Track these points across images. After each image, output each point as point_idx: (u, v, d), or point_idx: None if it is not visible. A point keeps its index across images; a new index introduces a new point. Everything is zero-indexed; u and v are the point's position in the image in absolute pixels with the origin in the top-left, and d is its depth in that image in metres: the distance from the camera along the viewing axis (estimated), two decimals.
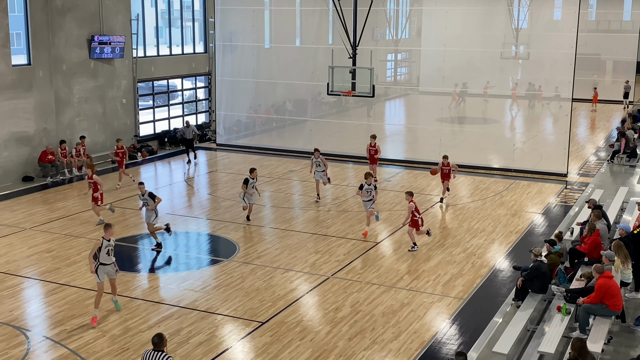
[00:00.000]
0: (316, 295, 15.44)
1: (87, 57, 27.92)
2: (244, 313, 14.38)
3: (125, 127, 30.27)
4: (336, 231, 19.92)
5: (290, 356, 12.51)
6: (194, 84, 35.45)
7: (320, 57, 31.39)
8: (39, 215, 21.31)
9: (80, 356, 12.44)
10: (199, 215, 21.71)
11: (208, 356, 12.48)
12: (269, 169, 28.36)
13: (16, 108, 25.13)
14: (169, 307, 14.68)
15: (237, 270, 16.73)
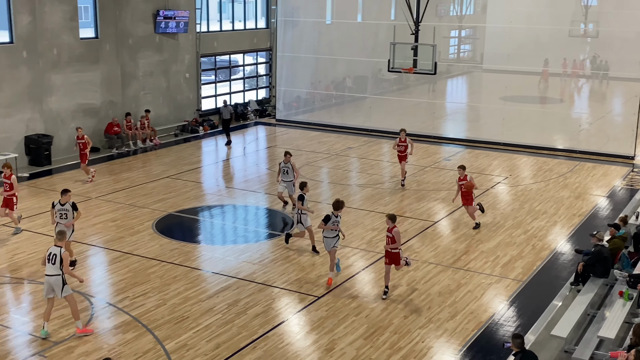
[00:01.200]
0: (372, 272, 15.44)
1: (152, 31, 28.29)
2: (300, 287, 14.49)
3: (187, 101, 30.66)
4: (393, 209, 19.80)
5: (346, 331, 12.57)
6: (255, 59, 35.58)
7: (381, 34, 31.03)
8: (105, 186, 21.81)
9: (142, 323, 12.74)
10: (258, 189, 21.88)
11: (265, 327, 12.63)
12: (327, 145, 28.35)
13: (83, 80, 25.68)
14: (228, 278, 14.89)
15: (295, 245, 16.84)
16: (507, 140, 28.34)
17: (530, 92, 33.47)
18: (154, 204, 19.90)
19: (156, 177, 22.95)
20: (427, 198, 21.04)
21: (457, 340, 12.37)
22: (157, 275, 14.91)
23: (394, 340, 12.30)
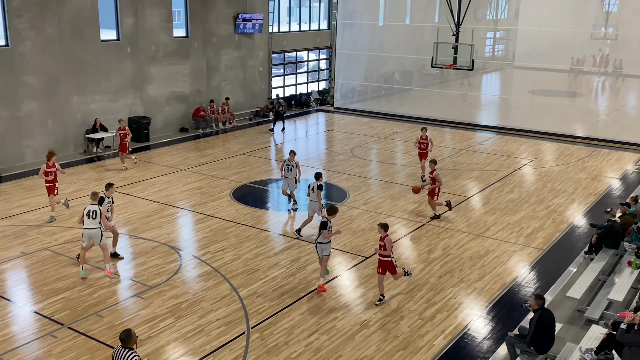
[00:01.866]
0: (413, 238, 15.37)
1: (232, 31, 28.47)
2: (351, 248, 14.54)
3: (260, 90, 30.83)
4: None
5: (389, 287, 12.57)
6: (318, 55, 35.48)
7: (426, 34, 30.58)
8: (192, 160, 22.20)
9: (220, 273, 13.00)
10: (317, 165, 21.95)
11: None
12: (377, 130, 28.18)
13: (176, 72, 26.07)
14: (291, 239, 15.03)
15: (347, 213, 16.87)
16: (533, 128, 27.77)
17: (555, 86, 32.54)
18: (232, 175, 20.18)
19: (233, 153, 23.24)
20: (462, 176, 20.75)
21: (484, 298, 12.26)
22: (233, 235, 15.16)
23: (429, 296, 12.26)
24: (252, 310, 11.49)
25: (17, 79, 20.49)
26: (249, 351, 10.17)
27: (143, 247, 14.24)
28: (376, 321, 11.24)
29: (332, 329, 10.90)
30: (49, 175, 15.63)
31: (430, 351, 10.32)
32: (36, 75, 20.98)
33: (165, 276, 12.78)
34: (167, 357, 9.93)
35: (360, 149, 24.50)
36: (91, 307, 11.44)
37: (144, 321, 11.00)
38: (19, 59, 20.45)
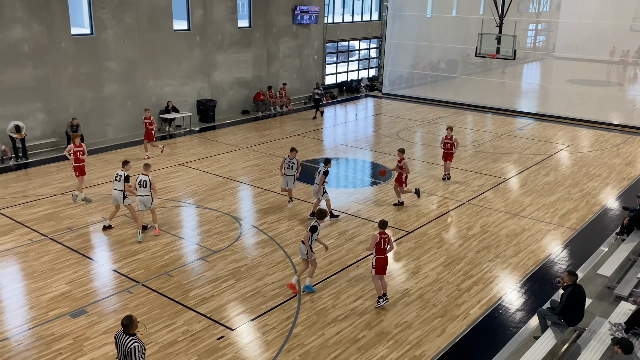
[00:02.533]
0: (453, 215, 15.20)
1: (290, 22, 28.43)
2: (395, 223, 14.49)
3: (315, 77, 30.78)
4: (473, 167, 19.30)
5: (429, 259, 12.52)
6: (368, 45, 35.10)
7: (471, 26, 29.82)
8: (252, 139, 22.46)
9: (276, 241, 13.20)
10: (365, 147, 21.87)
11: (366, 252, 12.75)
12: (421, 114, 27.79)
13: (239, 60, 26.29)
14: (340, 213, 15.06)
15: (392, 192, 16.78)
16: (571, 115, 26.85)
17: (594, 76, 31.26)
18: (285, 154, 20.28)
19: (289, 134, 23.37)
20: (501, 160, 20.31)
21: (519, 273, 12.06)
22: (287, 208, 15.32)
23: (467, 269, 12.15)
24: (303, 276, 11.63)
25: (100, 64, 21.08)
26: (300, 312, 10.33)
27: (208, 216, 14.57)
28: (416, 290, 11.22)
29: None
30: (78, 155, 15.06)
31: (466, 319, 10.25)
32: (117, 60, 21.53)
33: (227, 242, 13.06)
34: (228, 314, 10.20)
35: (406, 132, 24.25)
36: (162, 268, 11.81)
37: (209, 281, 11.30)
38: (102, 46, 21.02)
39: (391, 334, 9.73)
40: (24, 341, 9.26)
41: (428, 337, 9.68)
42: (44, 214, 14.38)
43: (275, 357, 9.06)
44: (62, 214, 14.39)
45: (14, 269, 11.70)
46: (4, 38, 18.46)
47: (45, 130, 19.94)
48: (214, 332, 9.64)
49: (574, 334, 9.59)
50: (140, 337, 9.13)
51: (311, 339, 9.52)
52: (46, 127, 19.96)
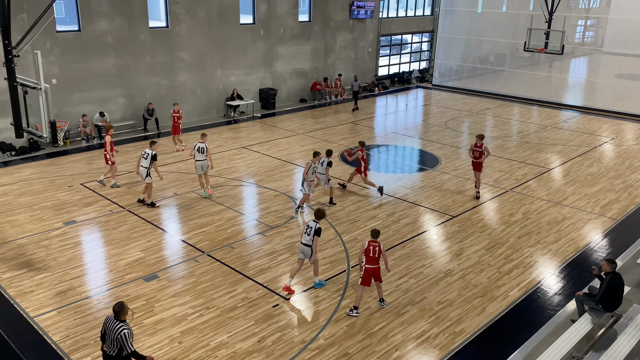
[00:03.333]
0: (496, 202, 14.86)
1: (347, 17, 28.20)
2: (440, 208, 14.30)
3: (368, 69, 30.50)
4: (517, 157, 18.74)
5: (472, 243, 12.32)
6: (420, 38, 34.42)
7: (521, 21, 28.76)
8: (308, 126, 22.55)
9: (328, 220, 13.25)
10: (414, 135, 21.59)
11: (412, 233, 12.69)
12: (470, 105, 27.14)
13: (299, 52, 26.34)
14: (387, 196, 15.01)
15: (438, 178, 16.56)
16: (616, 109, 25.60)
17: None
18: (341, 140, 20.31)
19: (342, 122, 23.32)
20: (545, 150, 19.64)
21: (558, 259, 11.71)
22: (339, 189, 15.35)
23: (508, 253, 11.89)
24: (352, 253, 11.69)
25: (174, 54, 21.58)
26: (348, 286, 10.40)
27: (267, 195, 14.80)
28: (459, 271, 11.08)
29: (420, 275, 10.88)
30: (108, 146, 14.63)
31: (506, 300, 10.06)
32: (189, 51, 21.99)
33: (283, 219, 13.24)
34: (283, 284, 10.37)
35: (454, 121, 23.76)
36: (225, 240, 12.11)
37: (266, 254, 11.51)
38: (176, 37, 21.50)
39: (433, 311, 9.67)
40: (103, 300, 9.73)
41: (468, 315, 9.56)
42: (122, 189, 14.97)
43: (324, 326, 9.18)
44: (139, 188, 14.93)
45: (96, 236, 12.27)
46: (90, 30, 19.17)
47: (125, 113, 20.66)
48: (270, 300, 9.84)
49: (610, 319, 9.26)
50: (177, 309, 9.42)
51: (359, 310, 9.56)
52: (126, 110, 20.68)
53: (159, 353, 8.35)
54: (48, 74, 17.57)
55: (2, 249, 11.43)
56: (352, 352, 8.52)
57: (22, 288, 10.03)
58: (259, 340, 8.74)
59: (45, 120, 11.30)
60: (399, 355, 8.48)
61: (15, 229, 12.39)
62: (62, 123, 18.42)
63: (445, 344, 8.80)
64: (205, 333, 8.88)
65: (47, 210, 13.40)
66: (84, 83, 19.27)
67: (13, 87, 11.43)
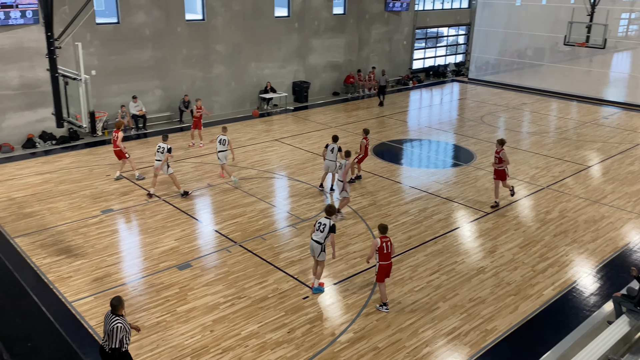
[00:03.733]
0: (532, 200, 14.56)
1: (382, 9, 27.96)
2: (474, 204, 14.10)
3: (403, 62, 30.21)
4: (555, 153, 18.31)
5: (506, 240, 12.12)
6: (457, 31, 33.89)
7: (561, 14, 27.93)
8: (340, 119, 22.51)
9: (358, 214, 13.23)
10: (448, 130, 21.31)
11: (445, 229, 12.57)
12: (506, 100, 26.62)
13: (333, 45, 26.27)
14: (420, 192, 14.89)
15: (472, 174, 16.32)
16: None
17: None
18: (373, 134, 20.20)
19: (375, 115, 23.19)
20: (584, 147, 19.12)
21: (595, 259, 11.41)
22: (370, 184, 15.29)
23: (543, 252, 11.65)
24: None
25: (210, 46, 21.82)
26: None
27: (298, 188, 14.86)
28: (492, 269, 10.92)
29: (452, 271, 10.77)
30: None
31: (539, 299, 9.87)
32: (224, 44, 22.19)
33: (314, 212, 13.28)
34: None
35: (490, 116, 23.35)
36: (257, 231, 12.23)
37: (297, 246, 11.58)
38: (212, 30, 21.72)
39: (465, 308, 9.57)
40: (138, 287, 9.97)
41: (500, 313, 9.43)
42: (158, 179, 15.25)
43: (354, 319, 9.19)
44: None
45: (133, 224, 12.56)
46: (129, 22, 19.54)
47: (161, 105, 21.02)
48: (300, 292, 9.90)
49: None
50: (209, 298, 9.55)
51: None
52: (162, 102, 21.03)
53: (190, 341, 8.51)
54: (88, 65, 17.98)
55: (42, 235, 11.82)
56: (382, 347, 8.51)
57: (60, 273, 10.35)
58: (289, 331, 8.82)
59: (84, 111, 11.60)
60: (429, 352, 8.43)
61: (55, 216, 12.78)
62: (100, 113, 18.86)
63: (476, 341, 8.70)
64: (236, 322, 9.00)
65: (85, 199, 13.78)
66: (122, 74, 19.68)
67: (55, 78, 11.76)
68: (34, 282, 10.06)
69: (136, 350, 8.24)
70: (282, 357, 8.20)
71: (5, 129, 17.54)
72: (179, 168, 16.03)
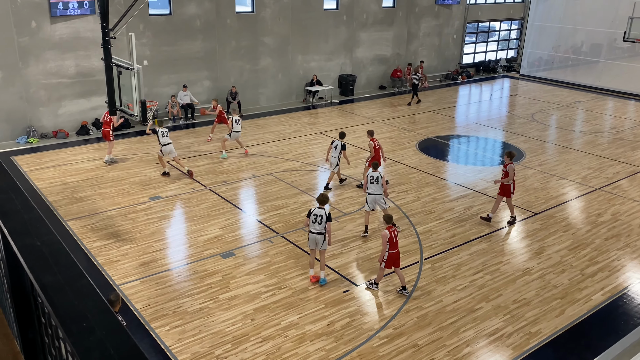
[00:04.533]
0: (583, 201, 14.09)
1: (433, 2, 27.52)
2: (522, 204, 13.77)
3: (452, 56, 29.69)
4: (609, 154, 17.63)
5: (554, 242, 11.78)
6: (509, 26, 32.99)
7: (621, 9, 26.74)
8: (386, 113, 22.35)
9: (402, 210, 13.14)
10: (497, 127, 20.84)
11: (490, 229, 12.32)
12: (559, 98, 25.78)
13: (381, 38, 26.08)
14: (466, 189, 14.65)
15: (521, 172, 15.92)
16: None
17: None
18: (419, 129, 19.99)
19: (423, 110, 22.91)
20: None
21: None
22: (415, 180, 15.16)
23: (593, 255, 11.27)
24: (426, 244, 11.53)
25: (258, 39, 22.04)
26: (420, 278, 10.29)
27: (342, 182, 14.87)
28: (538, 270, 10.65)
29: (496, 271, 10.56)
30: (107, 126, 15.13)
31: (587, 304, 9.57)
32: (272, 36, 22.37)
33: (357, 206, 13.26)
34: (354, 271, 10.44)
35: (541, 114, 22.69)
36: (299, 223, 12.32)
37: (338, 240, 11.61)
38: (261, 22, 21.93)
39: (508, 309, 9.38)
40: (182, 273, 10.23)
41: (546, 317, 9.19)
42: (204, 168, 15.59)
43: (394, 315, 9.15)
44: (219, 168, 15.49)
45: (179, 212, 12.89)
46: (180, 14, 19.95)
47: (209, 95, 21.41)
48: (340, 286, 9.94)
49: None
50: (251, 287, 9.65)
51: (429, 304, 9.47)
52: (210, 93, 21.42)
53: (232, 328, 8.69)
54: (140, 56, 18.51)
55: (93, 220, 12.28)
56: (422, 344, 8.45)
57: (109, 257, 10.74)
58: (329, 324, 8.87)
59: (136, 100, 11.95)
60: (470, 352, 8.32)
61: (105, 201, 13.25)
62: (151, 103, 19.37)
63: (519, 344, 8.52)
64: (276, 312, 9.12)
65: (134, 185, 14.22)
66: (172, 65, 20.14)
67: (109, 67, 12.16)
68: (85, 264, 10.47)
69: (179, 334, 8.47)
70: (321, 349, 8.26)
71: (61, 115, 18.27)
72: (229, 158, 16.31)
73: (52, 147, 17.12)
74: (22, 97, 17.40)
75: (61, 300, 1.19)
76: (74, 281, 1.25)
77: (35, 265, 1.31)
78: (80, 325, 1.12)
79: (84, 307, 1.19)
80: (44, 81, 17.66)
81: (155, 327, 8.67)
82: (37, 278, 1.26)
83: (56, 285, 1.23)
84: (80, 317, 1.15)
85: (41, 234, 1.45)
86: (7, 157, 16.07)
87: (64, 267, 1.31)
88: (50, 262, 1.32)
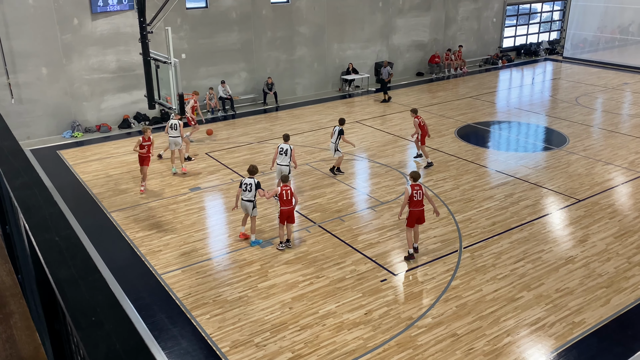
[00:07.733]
0: (630, 187, 13.53)
1: None
2: (565, 190, 13.34)
3: (492, 40, 28.91)
4: None
5: (599, 229, 11.37)
6: (551, 7, 31.83)
7: None
8: (424, 100, 22.00)
9: (440, 198, 12.95)
10: (540, 112, 20.21)
11: (532, 216, 12.00)
12: (605, 80, 24.78)
13: (418, 23, 25.61)
14: (507, 176, 14.30)
15: (564, 158, 15.42)
16: None
17: None
18: (458, 116, 19.60)
19: (461, 96, 22.45)
20: None
21: None
22: (454, 167, 14.89)
23: None
24: (465, 233, 11.33)
25: (293, 29, 22.00)
26: (459, 267, 10.13)
27: (378, 170, 14.75)
28: (582, 259, 10.31)
29: (538, 260, 10.28)
30: (143, 149, 12.99)
31: (634, 294, 9.20)
32: (307, 25, 22.29)
33: (394, 195, 13.14)
34: (392, 260, 10.35)
35: (586, 97, 21.87)
36: (336, 212, 12.31)
37: (375, 229, 11.54)
38: (296, 12, 21.87)
39: (551, 298, 9.12)
40: (222, 262, 10.38)
41: (590, 306, 8.90)
42: (243, 159, 15.74)
43: (433, 305, 9.04)
44: (257, 159, 15.60)
45: (218, 202, 13.06)
46: (217, 6, 20.10)
47: (247, 87, 21.56)
48: (378, 275, 9.88)
49: None
50: (289, 276, 9.67)
51: (468, 293, 9.31)
52: (247, 84, 21.56)
53: (270, 317, 8.77)
54: (178, 49, 18.77)
55: (136, 210, 12.59)
56: (461, 334, 8.32)
57: (152, 247, 10.99)
58: (366, 312, 8.84)
59: (174, 93, 12.13)
60: (511, 341, 8.14)
61: (147, 192, 13.55)
62: (189, 96, 19.64)
63: (562, 333, 8.28)
64: (314, 301, 9.15)
65: (175, 177, 14.49)
66: (209, 58, 20.35)
67: (147, 61, 12.37)
68: (128, 254, 10.77)
69: (219, 323, 8.61)
70: (359, 338, 8.25)
71: (104, 109, 18.76)
72: (262, 150, 16.41)
73: (96, 141, 17.61)
74: (67, 93, 17.94)
75: (73, 293, 1.20)
76: (87, 275, 1.26)
77: (52, 260, 1.33)
78: (90, 319, 1.13)
79: (94, 301, 1.19)
80: (87, 77, 18.15)
81: (196, 315, 8.83)
82: (53, 272, 1.27)
83: (70, 279, 1.24)
84: (90, 310, 1.15)
85: (60, 228, 1.47)
86: (54, 150, 16.64)
87: (79, 262, 1.32)
88: (66, 257, 1.33)
